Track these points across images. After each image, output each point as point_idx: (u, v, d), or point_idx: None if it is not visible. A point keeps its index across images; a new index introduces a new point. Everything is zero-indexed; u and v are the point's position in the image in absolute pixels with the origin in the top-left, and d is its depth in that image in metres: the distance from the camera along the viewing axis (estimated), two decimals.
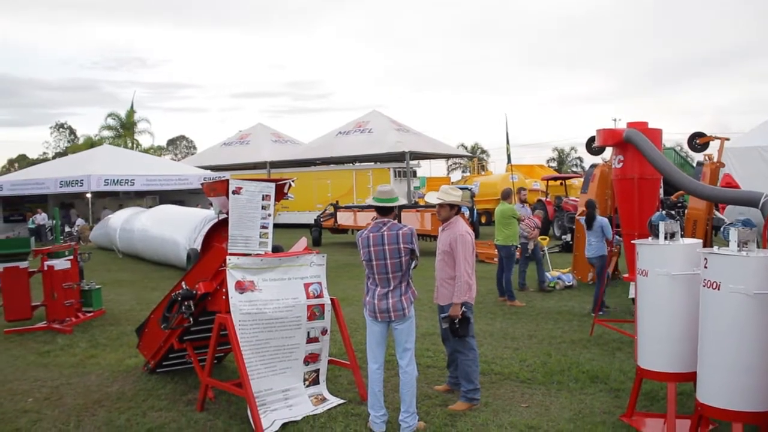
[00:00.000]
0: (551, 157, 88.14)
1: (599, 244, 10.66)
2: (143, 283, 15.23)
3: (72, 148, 65.92)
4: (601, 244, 10.66)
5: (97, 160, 29.28)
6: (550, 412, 5.99)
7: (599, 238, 10.65)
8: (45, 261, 10.31)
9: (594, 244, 10.73)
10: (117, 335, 9.62)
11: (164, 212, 20.72)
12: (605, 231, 10.60)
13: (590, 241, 10.82)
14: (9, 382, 7.37)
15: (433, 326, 9.04)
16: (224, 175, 27.35)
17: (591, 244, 10.80)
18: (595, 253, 10.72)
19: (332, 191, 31.36)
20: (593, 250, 10.74)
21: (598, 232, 10.66)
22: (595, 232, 10.69)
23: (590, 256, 10.85)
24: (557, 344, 8.48)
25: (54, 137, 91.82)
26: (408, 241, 5.53)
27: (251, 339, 5.76)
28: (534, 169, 39.16)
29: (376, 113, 37.51)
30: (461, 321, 5.92)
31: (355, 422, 5.80)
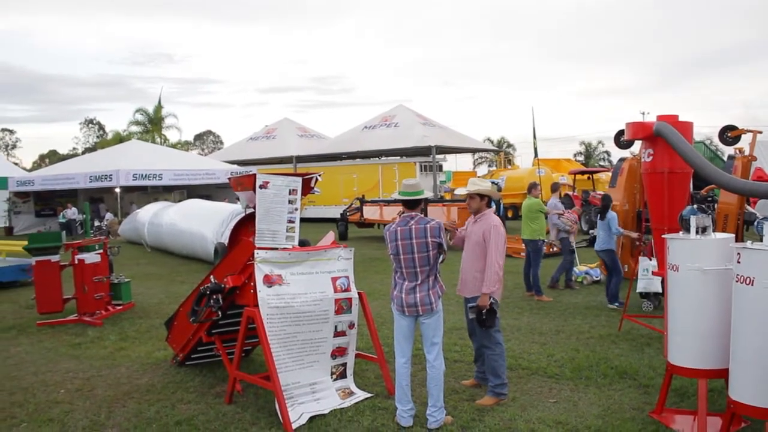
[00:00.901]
0: (578, 151, 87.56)
1: (608, 237, 10.63)
2: (171, 277, 15.38)
3: (101, 143, 66.69)
4: (609, 238, 10.63)
5: (125, 155, 29.63)
6: (578, 408, 5.95)
7: (608, 232, 10.61)
8: (76, 255, 10.45)
9: (603, 237, 10.70)
10: (146, 328, 9.72)
11: (192, 207, 20.90)
12: (611, 225, 10.55)
13: (599, 234, 10.80)
14: (42, 373, 7.49)
15: (460, 321, 9.01)
16: (251, 170, 27.60)
17: (600, 237, 10.79)
18: (603, 246, 10.69)
19: (358, 185, 31.38)
20: (602, 243, 10.72)
21: (606, 225, 10.63)
22: (605, 225, 10.65)
23: (598, 249, 10.83)
24: (585, 339, 8.42)
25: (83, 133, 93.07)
26: (436, 235, 5.51)
27: (279, 332, 5.78)
28: (561, 163, 38.83)
29: (402, 107, 37.46)
30: (488, 312, 5.90)
31: (383, 416, 5.80)
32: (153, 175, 27.61)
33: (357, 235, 24.16)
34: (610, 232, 10.60)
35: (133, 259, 18.83)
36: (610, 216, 10.64)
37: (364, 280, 12.67)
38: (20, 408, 6.34)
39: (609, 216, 10.63)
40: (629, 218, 12.56)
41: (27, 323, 10.27)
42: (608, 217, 10.62)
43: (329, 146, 38.24)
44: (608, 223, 10.60)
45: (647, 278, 9.89)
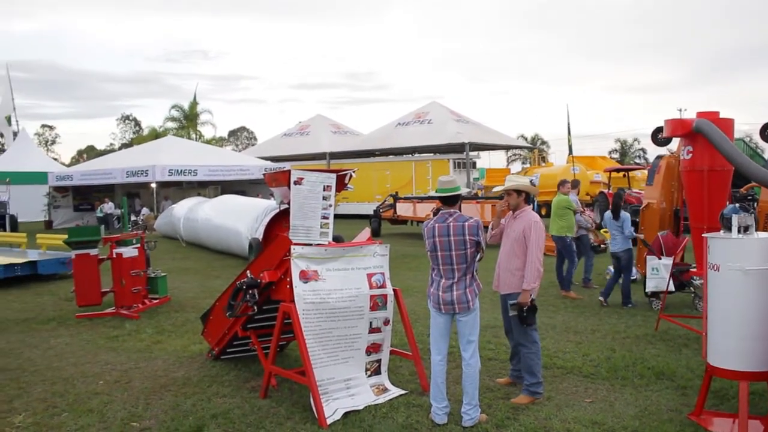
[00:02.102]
0: (613, 149, 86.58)
1: (624, 237, 10.44)
2: (206, 272, 15.54)
3: (137, 139, 67.62)
4: (625, 239, 10.46)
5: (161, 150, 29.98)
6: (614, 408, 5.88)
7: (621, 232, 10.45)
8: (114, 249, 10.60)
9: (618, 238, 10.51)
10: (182, 322, 9.83)
11: (227, 202, 21.08)
12: (624, 226, 10.38)
13: (614, 234, 10.58)
14: (81, 365, 7.62)
15: (495, 318, 8.97)
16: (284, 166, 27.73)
17: (615, 238, 10.57)
18: (621, 247, 10.50)
19: (391, 182, 31.38)
20: (618, 244, 10.52)
21: (620, 226, 10.46)
22: (618, 226, 10.48)
23: (615, 251, 10.58)
24: (621, 339, 8.32)
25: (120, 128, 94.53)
26: (474, 233, 5.49)
27: (314, 328, 5.81)
28: (596, 161, 38.40)
29: (435, 104, 37.38)
30: (529, 309, 5.87)
31: (417, 413, 5.80)
32: (188, 171, 27.90)
33: (390, 232, 24.17)
34: (623, 232, 10.43)
35: (169, 253, 19.06)
36: (625, 218, 10.44)
37: (398, 277, 12.66)
38: (61, 398, 6.46)
39: (624, 217, 10.43)
40: (666, 217, 12.36)
41: (66, 315, 10.46)
42: (623, 218, 10.43)
43: (362, 143, 38.31)
44: (622, 225, 10.40)
45: (657, 277, 9.80)
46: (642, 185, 24.60)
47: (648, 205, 12.43)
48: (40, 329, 9.58)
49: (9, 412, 6.10)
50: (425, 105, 37.71)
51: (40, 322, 10.03)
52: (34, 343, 8.72)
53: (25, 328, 9.70)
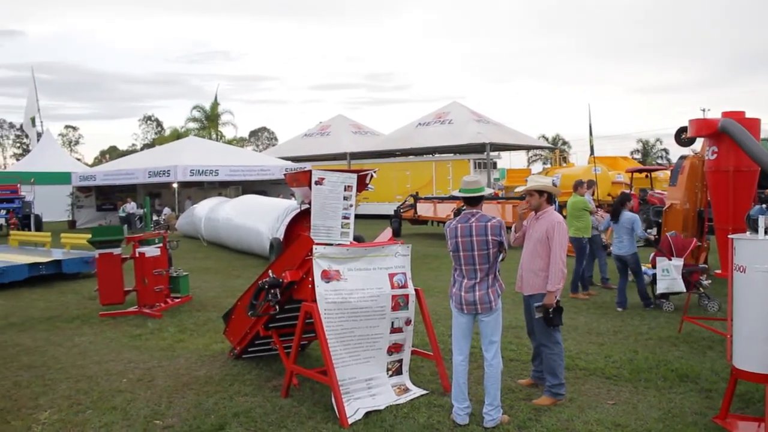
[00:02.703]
0: (635, 149, 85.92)
1: (631, 240, 10.29)
2: (227, 271, 15.61)
3: (159, 139, 68.11)
4: (632, 241, 10.30)
5: (183, 151, 30.16)
6: (637, 411, 5.83)
7: (630, 235, 10.28)
8: (136, 248, 10.68)
9: (625, 241, 10.33)
10: (203, 321, 9.89)
11: (247, 202, 21.17)
12: (635, 227, 10.21)
13: (621, 237, 10.39)
14: (105, 363, 7.69)
15: (516, 319, 8.93)
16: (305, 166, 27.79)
17: (622, 241, 10.37)
18: (627, 251, 10.30)
19: (412, 182, 31.35)
20: (625, 248, 10.32)
21: (628, 228, 10.27)
22: (625, 228, 10.30)
23: (622, 254, 10.36)
24: (644, 341, 8.24)
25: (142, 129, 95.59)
26: (496, 234, 5.47)
27: (336, 328, 5.81)
28: (617, 161, 38.02)
29: (456, 104, 37.30)
30: (555, 310, 5.84)
31: (438, 413, 5.78)
32: (209, 171, 28.03)
33: (410, 232, 24.13)
34: (632, 235, 10.26)
35: (190, 253, 19.17)
36: (634, 219, 10.27)
37: (418, 277, 12.61)
38: (85, 395, 6.53)
39: (632, 219, 10.25)
40: (690, 218, 12.25)
41: (90, 314, 10.56)
42: (632, 219, 10.25)
43: (383, 143, 38.32)
44: (631, 227, 10.24)
45: (668, 279, 9.68)
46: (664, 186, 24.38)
47: (671, 206, 12.32)
48: (64, 327, 9.69)
49: (35, 409, 6.18)
50: (446, 105, 37.64)
51: (64, 321, 10.13)
52: (59, 341, 8.81)
53: (50, 326, 9.81)
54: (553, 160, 51.35)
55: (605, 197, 27.32)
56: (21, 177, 30.53)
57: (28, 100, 52.24)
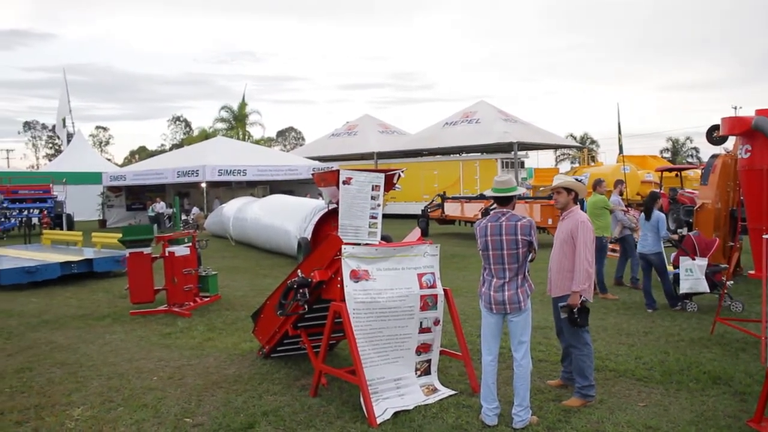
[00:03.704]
0: (664, 148, 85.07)
1: (656, 239, 10.17)
2: (255, 270, 15.70)
3: (187, 139, 68.76)
4: (658, 240, 10.17)
5: (211, 151, 30.39)
6: (669, 413, 5.75)
7: (655, 233, 10.16)
8: (166, 247, 10.78)
9: (650, 239, 10.21)
10: (232, 320, 9.95)
11: (276, 202, 21.26)
12: (660, 226, 10.10)
13: (645, 235, 10.28)
14: (136, 361, 7.78)
15: (545, 319, 8.88)
16: (332, 166, 27.88)
17: (646, 239, 10.26)
18: (652, 249, 10.19)
19: (439, 182, 31.29)
20: (650, 246, 10.20)
21: (654, 226, 10.16)
22: (651, 226, 10.19)
23: (646, 252, 10.25)
24: (675, 342, 8.13)
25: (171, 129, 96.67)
26: (526, 233, 5.44)
27: (365, 327, 5.81)
28: (647, 160, 37.62)
29: (483, 103, 37.14)
30: (580, 310, 5.79)
31: (467, 414, 5.76)
32: (237, 171, 28.21)
33: (438, 232, 24.08)
34: (657, 233, 10.16)
35: (219, 252, 19.32)
36: (660, 218, 10.17)
37: (446, 277, 12.55)
38: (117, 393, 6.61)
39: (658, 217, 10.16)
40: (722, 217, 12.09)
41: (121, 312, 10.69)
42: (657, 218, 10.15)
43: (410, 142, 38.27)
44: (657, 225, 10.15)
45: (692, 278, 9.59)
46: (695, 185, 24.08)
47: (703, 206, 12.15)
48: (95, 325, 9.81)
49: (68, 405, 6.27)
50: (473, 104, 37.49)
51: (95, 319, 10.27)
52: (91, 339, 8.93)
53: (82, 324, 9.94)
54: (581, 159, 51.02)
55: (634, 197, 27.06)
56: (53, 177, 30.98)
57: (60, 101, 53.17)
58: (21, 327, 9.81)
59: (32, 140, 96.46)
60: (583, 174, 31.97)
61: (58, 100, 53.98)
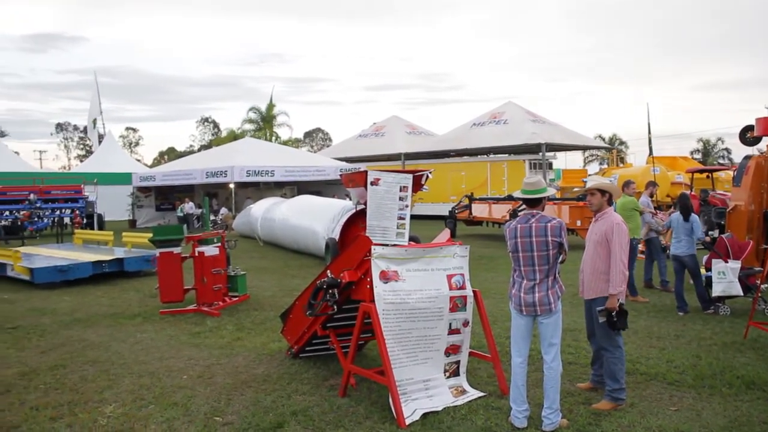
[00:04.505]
0: (695, 149, 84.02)
1: (689, 241, 10.03)
2: (284, 271, 15.77)
3: (216, 140, 69.37)
4: (691, 242, 10.04)
5: (239, 152, 30.58)
6: (701, 418, 5.67)
7: (690, 235, 10.02)
8: (196, 247, 10.87)
9: (684, 241, 10.07)
10: (261, 320, 10.00)
11: (303, 202, 21.33)
12: (695, 229, 9.97)
13: (679, 237, 10.13)
14: (166, 359, 7.86)
15: (574, 322, 8.81)
16: (360, 167, 27.91)
17: (680, 241, 10.11)
18: (686, 251, 10.05)
19: (466, 183, 31.18)
20: (684, 248, 10.06)
21: (688, 228, 10.02)
22: (685, 228, 10.05)
23: (680, 254, 10.10)
24: (707, 346, 8.02)
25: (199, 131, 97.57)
26: (556, 234, 5.41)
27: (394, 328, 5.81)
28: (677, 161, 37.18)
29: (511, 104, 36.91)
30: (618, 313, 5.73)
31: (496, 416, 5.74)
32: (265, 172, 28.34)
33: (465, 233, 23.99)
34: (691, 236, 10.01)
35: (247, 252, 19.42)
36: (695, 220, 10.04)
37: (474, 278, 12.44)
38: (148, 391, 6.68)
39: (694, 219, 10.03)
40: (755, 219, 11.90)
41: (151, 311, 10.80)
42: (693, 219, 10.02)
43: (437, 143, 38.16)
44: (692, 227, 10.00)
45: (725, 281, 9.45)
46: (726, 186, 23.73)
47: (735, 208, 11.97)
48: (126, 324, 9.93)
49: (100, 402, 6.35)
50: (501, 105, 37.28)
51: (126, 318, 10.39)
52: (122, 338, 9.04)
53: (113, 322, 10.07)
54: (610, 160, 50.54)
55: (664, 198, 26.76)
56: (85, 177, 31.40)
57: (91, 103, 53.89)
58: (54, 325, 9.97)
59: (64, 141, 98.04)
60: (612, 175, 31.68)
61: (89, 102, 54.77)
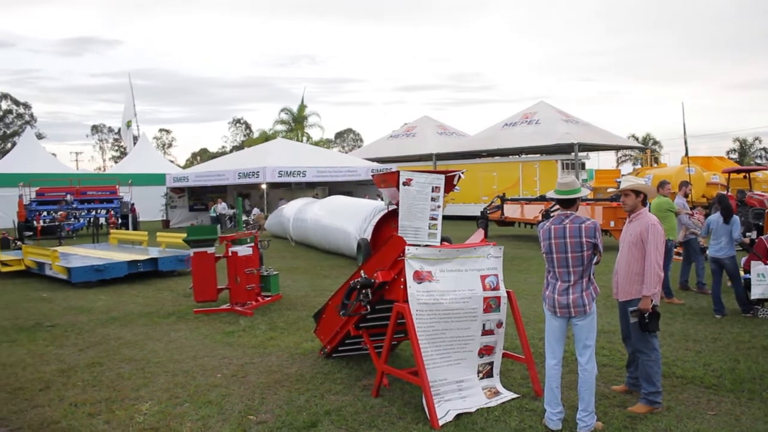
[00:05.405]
0: (731, 148, 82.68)
1: (729, 242, 9.83)
2: (316, 271, 15.83)
3: (248, 141, 69.89)
4: (731, 243, 9.84)
5: (271, 152, 30.76)
6: (741, 423, 5.56)
7: (729, 236, 9.83)
8: (229, 247, 10.96)
9: (723, 243, 9.87)
10: (294, 320, 10.05)
11: (335, 203, 21.38)
12: (734, 229, 9.78)
13: (719, 239, 9.94)
14: (200, 358, 7.94)
15: (608, 323, 8.72)
16: (391, 167, 27.90)
17: (719, 243, 9.91)
18: (727, 253, 9.83)
19: (498, 183, 31.05)
20: (724, 250, 9.85)
21: (729, 230, 9.83)
22: (727, 229, 9.85)
23: (720, 256, 9.88)
24: (746, 349, 7.87)
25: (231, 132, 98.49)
26: (591, 236, 5.36)
27: (428, 329, 5.80)
28: (712, 161, 36.54)
29: (543, 104, 36.65)
30: (651, 315, 5.67)
31: (530, 417, 5.70)
32: (297, 172, 28.48)
33: (497, 234, 23.85)
34: (730, 237, 9.83)
35: (279, 252, 19.55)
36: (735, 221, 9.84)
37: (507, 279, 12.37)
38: (182, 389, 6.76)
39: (734, 220, 9.84)
40: None
41: (185, 310, 10.92)
42: (732, 220, 9.83)
43: (468, 144, 38.04)
44: (731, 228, 9.80)
45: (765, 284, 9.32)
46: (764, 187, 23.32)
47: None
48: (161, 323, 10.05)
49: (136, 400, 6.44)
50: (533, 105, 37.03)
51: (161, 317, 10.52)
52: (157, 336, 9.15)
53: (148, 321, 10.20)
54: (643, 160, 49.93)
55: (699, 199, 26.35)
56: (119, 178, 31.85)
57: (125, 105, 54.71)
58: (91, 323, 10.13)
59: (99, 143, 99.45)
60: (645, 176, 31.29)
61: (124, 103, 55.59)
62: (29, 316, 10.90)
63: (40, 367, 7.75)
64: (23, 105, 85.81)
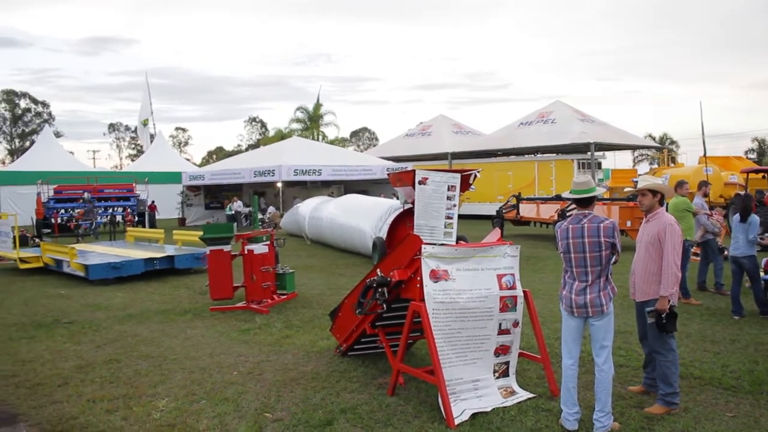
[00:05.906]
0: (750, 148, 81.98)
1: (748, 242, 9.74)
2: (331, 269, 15.86)
3: (263, 140, 70.14)
4: (750, 243, 9.75)
5: (286, 151, 30.87)
6: (760, 425, 5.51)
7: (747, 236, 9.74)
8: (245, 245, 11.00)
9: (741, 242, 9.79)
10: (309, 318, 10.07)
11: (351, 201, 21.42)
12: (751, 229, 9.68)
13: (737, 238, 9.85)
14: (216, 355, 7.98)
15: (625, 324, 8.67)
16: (407, 166, 27.89)
17: (738, 242, 9.83)
18: (745, 252, 9.75)
19: (513, 183, 30.96)
20: (742, 249, 9.77)
21: (745, 228, 9.74)
22: (745, 229, 9.76)
23: (739, 255, 9.80)
24: (765, 351, 7.78)
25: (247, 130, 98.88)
26: (609, 235, 5.33)
27: (444, 328, 5.79)
28: (730, 161, 36.20)
29: (559, 103, 36.50)
30: (668, 315, 5.63)
31: (546, 417, 5.68)
32: (313, 171, 28.55)
33: (513, 233, 23.78)
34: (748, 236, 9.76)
35: (294, 251, 19.59)
36: (753, 220, 9.75)
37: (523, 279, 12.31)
38: (199, 386, 6.79)
39: (752, 220, 9.74)
40: None
41: (201, 308, 10.98)
42: (751, 220, 9.75)
43: (484, 143, 37.94)
44: (749, 227, 9.72)
45: None
46: None
47: None
48: (177, 320, 10.11)
49: (153, 397, 6.49)
50: (549, 104, 36.89)
51: (177, 314, 10.58)
52: (173, 333, 9.21)
53: (165, 318, 10.26)
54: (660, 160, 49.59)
55: (717, 199, 26.15)
56: (136, 177, 32.06)
57: (142, 103, 55.06)
58: (108, 320, 10.21)
59: (116, 141, 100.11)
60: (663, 175, 31.08)
61: (141, 102, 55.96)
62: (47, 312, 11.01)
63: (58, 363, 7.82)
64: (42, 104, 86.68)
